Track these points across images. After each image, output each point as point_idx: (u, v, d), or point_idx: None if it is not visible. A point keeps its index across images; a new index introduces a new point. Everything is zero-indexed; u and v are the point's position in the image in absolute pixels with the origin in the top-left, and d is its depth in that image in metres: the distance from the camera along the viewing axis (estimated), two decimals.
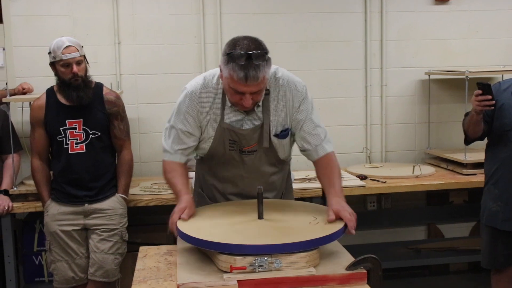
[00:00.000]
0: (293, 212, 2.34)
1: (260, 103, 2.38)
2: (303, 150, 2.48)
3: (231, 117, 2.40)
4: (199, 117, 2.41)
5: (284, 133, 2.44)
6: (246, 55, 2.14)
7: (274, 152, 2.49)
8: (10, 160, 3.65)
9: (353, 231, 2.12)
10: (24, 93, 3.87)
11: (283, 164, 2.61)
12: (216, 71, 2.40)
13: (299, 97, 2.42)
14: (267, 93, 2.38)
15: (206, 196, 2.63)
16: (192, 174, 2.72)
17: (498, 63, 4.57)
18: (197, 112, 2.40)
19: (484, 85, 3.00)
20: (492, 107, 3.04)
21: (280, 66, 2.48)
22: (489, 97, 2.99)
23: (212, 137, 2.42)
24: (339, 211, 2.16)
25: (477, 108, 3.04)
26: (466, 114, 3.26)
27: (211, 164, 2.55)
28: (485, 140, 3.30)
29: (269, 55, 2.23)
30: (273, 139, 2.44)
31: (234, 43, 2.20)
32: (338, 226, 2.10)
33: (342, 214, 2.15)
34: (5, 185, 3.61)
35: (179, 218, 2.24)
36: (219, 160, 2.50)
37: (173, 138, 2.44)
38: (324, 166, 2.43)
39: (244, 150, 2.45)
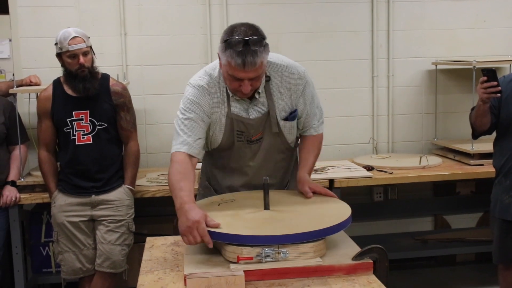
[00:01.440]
0: (298, 202, 2.34)
1: (262, 90, 2.39)
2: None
3: (237, 107, 2.40)
4: (212, 109, 2.39)
5: (293, 115, 2.46)
6: (243, 41, 2.15)
7: (282, 137, 2.49)
8: (17, 152, 3.66)
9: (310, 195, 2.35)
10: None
11: (291, 151, 2.61)
12: (215, 63, 2.40)
13: (302, 81, 2.44)
14: (268, 79, 2.39)
15: (213, 189, 2.63)
16: (198, 165, 2.72)
17: (506, 52, 4.54)
18: (208, 104, 2.38)
19: (489, 71, 2.96)
20: (498, 94, 2.99)
21: (286, 56, 2.48)
22: (495, 83, 2.95)
23: (223, 129, 2.42)
24: (315, 187, 2.39)
25: (483, 96, 3.00)
26: (473, 109, 3.23)
27: (219, 157, 2.55)
28: (493, 135, 3.27)
29: (267, 41, 2.24)
30: (282, 123, 2.45)
31: (231, 30, 2.22)
32: (345, 216, 2.10)
33: (318, 189, 2.38)
34: (12, 176, 3.62)
35: (212, 226, 2.05)
36: (227, 152, 2.50)
37: (183, 131, 2.36)
38: (309, 142, 2.55)
39: (252, 140, 2.45)
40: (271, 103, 2.41)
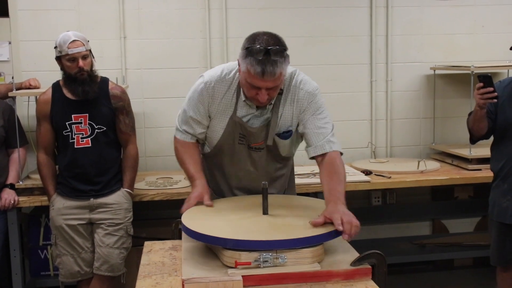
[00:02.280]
0: (297, 207, 2.34)
1: (273, 101, 2.39)
2: (307, 149, 2.46)
3: (243, 111, 2.42)
4: (210, 107, 2.43)
5: (285, 134, 2.46)
6: (264, 50, 2.15)
7: (277, 150, 2.50)
8: (16, 154, 3.66)
9: (346, 236, 1.98)
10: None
11: (288, 160, 2.63)
12: (234, 65, 2.42)
13: (309, 98, 2.42)
14: (280, 92, 2.39)
15: (212, 190, 2.64)
16: None
17: (504, 58, 4.54)
18: (208, 103, 2.43)
19: (485, 77, 2.99)
20: (495, 100, 3.01)
21: None
22: (491, 89, 2.97)
23: (223, 129, 2.44)
24: (332, 213, 2.05)
25: (480, 101, 3.03)
26: (470, 114, 3.26)
27: (218, 159, 2.56)
28: (491, 139, 3.29)
29: (287, 53, 2.23)
30: (275, 137, 2.45)
31: (253, 38, 2.21)
32: None
33: (333, 216, 2.02)
34: (11, 179, 3.62)
35: (206, 205, 2.33)
36: (227, 154, 2.51)
37: (185, 120, 2.50)
38: (326, 168, 2.36)
39: (252, 146, 2.47)
40: (274, 115, 2.42)
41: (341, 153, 2.41)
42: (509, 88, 3.14)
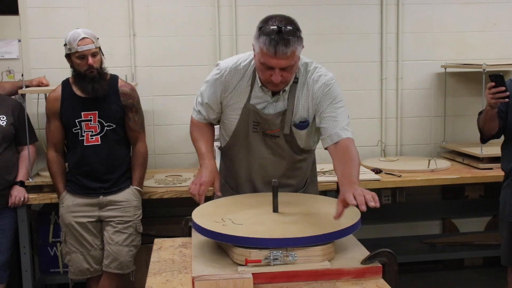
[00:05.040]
0: (307, 205, 2.33)
1: (288, 88, 2.41)
2: (321, 138, 2.45)
3: (257, 99, 2.44)
4: (223, 97, 2.49)
5: (302, 124, 2.46)
6: (277, 29, 2.20)
7: (294, 140, 2.50)
8: (26, 152, 3.67)
9: (363, 207, 1.96)
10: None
11: (308, 153, 2.63)
12: (250, 54, 2.45)
13: (324, 89, 2.43)
14: (296, 81, 2.42)
15: (229, 186, 2.66)
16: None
17: None
18: (220, 92, 2.48)
19: (496, 77, 2.96)
20: (507, 99, 2.99)
21: None
22: (503, 88, 2.95)
23: (238, 117, 2.48)
24: (345, 194, 2.02)
25: (491, 101, 3.00)
26: (480, 113, 3.23)
27: (235, 149, 2.58)
28: (502, 138, 3.26)
29: (301, 35, 2.28)
30: (292, 127, 2.46)
31: (267, 19, 2.27)
32: (354, 219, 2.09)
33: (346, 196, 2.00)
34: (21, 176, 3.63)
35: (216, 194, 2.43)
36: (243, 144, 2.53)
37: (200, 103, 2.58)
38: (340, 154, 2.33)
39: (267, 134, 2.48)
40: (290, 103, 2.43)
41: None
42: None
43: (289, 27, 2.22)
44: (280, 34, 2.19)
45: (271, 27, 2.20)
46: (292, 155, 2.55)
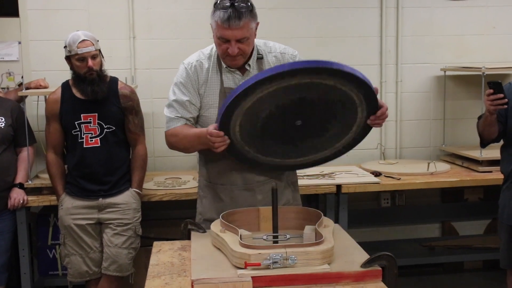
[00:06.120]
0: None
1: (253, 65, 2.53)
2: None
3: (229, 81, 2.53)
4: (198, 85, 2.56)
5: None
6: (230, 4, 2.36)
7: None
8: (25, 153, 3.67)
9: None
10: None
11: None
12: (212, 45, 2.58)
13: (293, 59, 2.59)
14: (260, 57, 2.56)
15: (216, 185, 2.62)
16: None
17: None
18: (194, 81, 2.55)
19: (495, 84, 2.99)
20: (505, 106, 3.01)
21: None
22: (501, 95, 2.98)
23: (217, 103, 2.53)
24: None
25: (490, 108, 3.03)
26: (480, 117, 3.24)
27: None
28: (501, 142, 3.27)
29: (255, 11, 2.43)
30: None
31: None
32: None
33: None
34: (20, 178, 3.62)
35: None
36: None
37: (174, 109, 2.58)
38: None
39: None
40: None
41: None
42: None
43: (241, 3, 2.37)
44: (233, 7, 2.34)
45: (224, 3, 2.36)
46: None
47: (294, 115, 2.33)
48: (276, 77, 2.11)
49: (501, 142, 3.27)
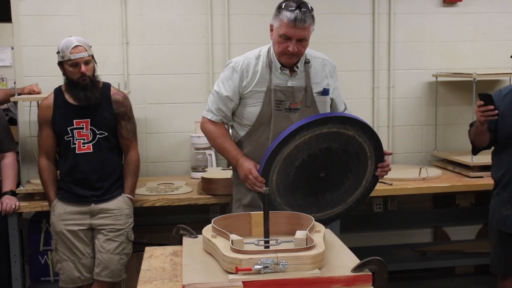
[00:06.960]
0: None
1: (301, 68, 2.85)
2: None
3: (278, 80, 2.83)
4: (241, 85, 2.84)
5: (326, 91, 2.91)
6: (296, 4, 2.66)
7: (316, 110, 2.87)
8: (8, 160, 3.62)
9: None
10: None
11: None
12: (257, 49, 2.89)
13: (335, 70, 2.99)
14: (308, 61, 2.87)
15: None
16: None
17: (506, 65, 4.54)
18: (239, 80, 2.84)
19: (485, 96, 3.02)
20: (496, 117, 3.04)
21: None
22: (492, 107, 3.01)
23: (262, 99, 2.82)
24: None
25: (481, 119, 3.06)
26: (471, 125, 3.27)
27: (259, 132, 2.86)
28: (492, 148, 3.29)
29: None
30: (316, 96, 2.88)
31: (285, 1, 2.71)
32: None
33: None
34: (9, 186, 3.59)
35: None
36: (267, 124, 2.83)
37: (216, 100, 2.91)
38: None
39: (290, 108, 2.84)
40: (308, 81, 2.87)
41: None
42: (510, 96, 3.15)
43: (306, 8, 2.67)
44: (299, 9, 2.64)
45: (292, 5, 2.64)
46: None
47: (319, 166, 2.56)
48: (312, 124, 2.46)
49: (492, 148, 3.29)
